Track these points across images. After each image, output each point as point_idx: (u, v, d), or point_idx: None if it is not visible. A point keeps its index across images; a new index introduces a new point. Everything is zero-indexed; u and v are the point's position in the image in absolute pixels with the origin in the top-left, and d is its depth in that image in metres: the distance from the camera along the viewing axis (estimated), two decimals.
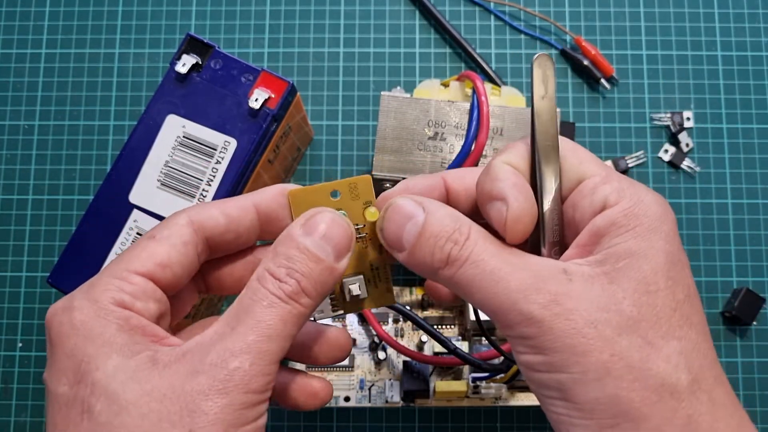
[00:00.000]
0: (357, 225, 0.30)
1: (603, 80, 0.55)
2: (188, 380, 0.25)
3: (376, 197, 0.30)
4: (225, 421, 0.24)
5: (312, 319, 0.32)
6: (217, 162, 0.43)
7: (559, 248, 0.29)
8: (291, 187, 0.30)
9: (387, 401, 0.46)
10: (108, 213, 0.42)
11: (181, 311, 0.32)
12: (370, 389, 0.47)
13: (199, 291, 0.32)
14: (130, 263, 0.27)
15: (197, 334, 0.31)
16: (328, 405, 0.46)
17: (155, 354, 0.26)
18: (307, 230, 0.28)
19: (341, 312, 0.32)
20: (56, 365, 0.26)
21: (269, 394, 0.26)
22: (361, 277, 0.31)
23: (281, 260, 0.27)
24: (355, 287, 0.31)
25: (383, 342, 0.46)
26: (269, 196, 0.30)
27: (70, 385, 0.25)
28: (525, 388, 0.46)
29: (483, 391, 0.45)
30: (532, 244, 0.29)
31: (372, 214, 0.30)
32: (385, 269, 0.31)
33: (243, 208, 0.30)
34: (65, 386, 0.25)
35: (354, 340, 0.47)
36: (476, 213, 0.30)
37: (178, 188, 0.43)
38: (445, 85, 0.47)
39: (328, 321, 0.46)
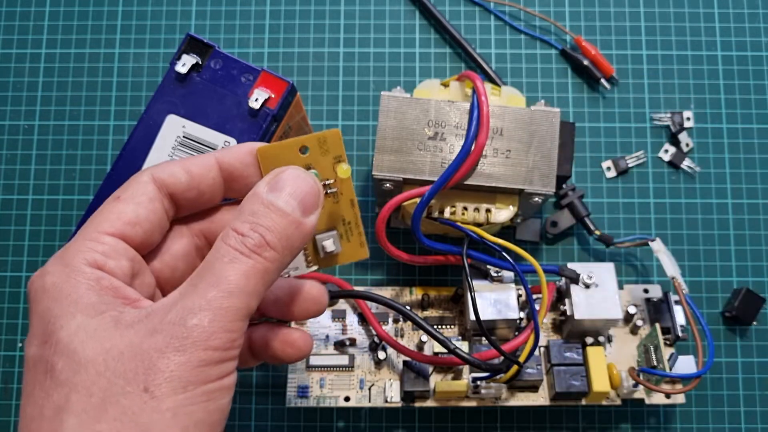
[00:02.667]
0: (327, 180, 0.30)
1: (603, 80, 0.55)
2: (146, 338, 0.25)
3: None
4: (182, 379, 0.24)
5: (286, 275, 0.32)
6: None
7: None
8: (260, 145, 0.30)
9: (387, 401, 0.46)
10: None
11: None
12: (370, 389, 0.47)
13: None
14: (100, 225, 0.28)
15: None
16: (328, 405, 0.46)
17: (120, 314, 0.26)
18: (272, 187, 0.28)
19: (315, 267, 0.32)
20: (30, 329, 0.26)
21: (235, 352, 0.26)
22: (335, 232, 0.31)
23: (246, 216, 0.27)
24: (329, 243, 0.31)
25: (383, 342, 0.46)
26: (233, 155, 0.30)
27: (38, 346, 0.26)
28: (525, 389, 0.46)
29: (483, 391, 0.45)
30: None
31: (344, 170, 0.30)
32: (358, 224, 0.32)
33: (205, 165, 0.30)
34: (34, 347, 0.26)
35: (354, 340, 0.47)
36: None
37: None
38: (445, 85, 0.47)
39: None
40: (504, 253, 0.42)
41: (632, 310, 0.47)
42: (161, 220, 0.29)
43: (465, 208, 0.44)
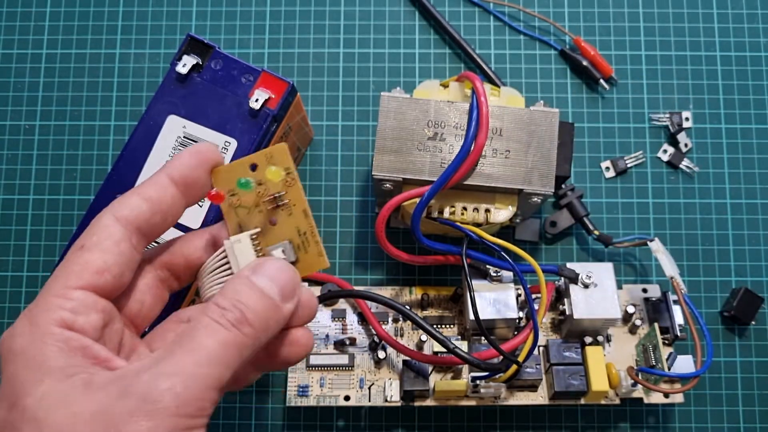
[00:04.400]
0: (279, 192, 0.31)
1: (602, 80, 0.55)
2: (117, 402, 0.24)
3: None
4: None
5: None
6: None
7: None
8: (202, 145, 0.31)
9: (386, 400, 0.46)
10: None
11: (145, 313, 0.31)
12: (369, 388, 0.47)
13: (171, 288, 0.32)
14: (68, 279, 0.27)
15: (163, 330, 0.31)
16: (328, 404, 0.46)
17: (91, 377, 0.26)
18: (255, 271, 0.29)
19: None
20: (1, 390, 0.26)
21: (204, 420, 0.26)
22: (286, 242, 0.31)
23: (229, 294, 0.28)
24: (278, 252, 0.31)
25: (383, 341, 0.46)
26: (181, 164, 0.30)
27: (7, 410, 0.25)
28: (524, 388, 0.46)
29: (482, 390, 0.45)
30: None
31: (272, 172, 0.30)
32: (314, 233, 0.32)
33: (160, 186, 0.30)
34: (3, 410, 0.26)
35: (354, 340, 0.48)
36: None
37: None
38: (445, 86, 0.47)
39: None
40: (503, 253, 0.43)
41: (631, 309, 0.47)
42: (130, 260, 0.29)
43: (464, 208, 0.44)
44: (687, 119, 0.55)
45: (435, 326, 0.46)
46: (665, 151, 0.54)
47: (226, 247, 0.31)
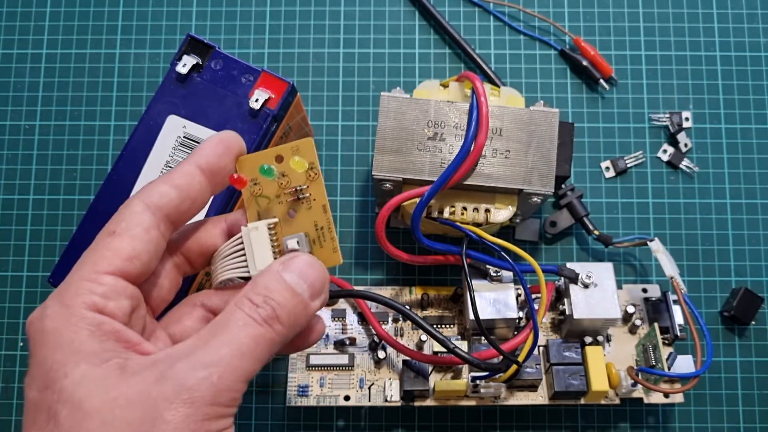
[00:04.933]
0: (301, 186, 0.32)
1: (602, 80, 0.55)
2: (155, 387, 0.25)
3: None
4: (187, 431, 0.25)
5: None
6: None
7: None
8: (227, 134, 0.32)
9: (386, 400, 0.46)
10: (109, 213, 0.42)
11: (163, 297, 0.32)
12: (369, 388, 0.47)
13: (184, 272, 0.33)
14: (97, 264, 0.28)
15: (179, 314, 0.32)
16: (328, 404, 0.46)
17: (125, 361, 0.26)
18: (286, 267, 0.29)
19: None
20: (30, 371, 0.26)
21: (234, 410, 0.27)
22: (302, 234, 0.32)
23: (260, 289, 0.29)
24: (293, 242, 0.31)
25: (383, 341, 0.46)
26: (208, 152, 0.31)
27: (39, 391, 0.26)
28: (524, 388, 0.46)
29: (482, 390, 0.45)
30: None
31: (296, 162, 0.31)
32: (331, 229, 0.32)
33: (188, 174, 0.30)
34: (35, 391, 0.26)
35: (354, 339, 0.48)
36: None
37: None
38: (445, 86, 0.47)
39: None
40: (503, 253, 0.43)
41: (631, 309, 0.47)
42: (158, 247, 0.29)
43: (464, 208, 0.44)
44: (687, 119, 0.55)
45: (435, 326, 0.46)
46: (665, 151, 0.54)
47: (243, 234, 0.31)
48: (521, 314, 0.46)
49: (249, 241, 0.31)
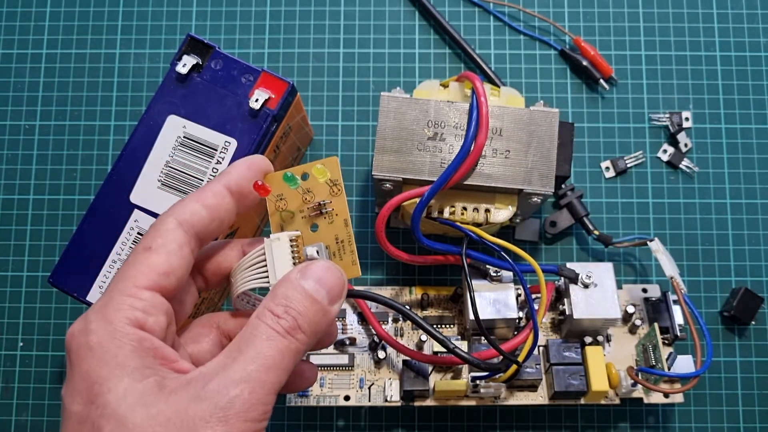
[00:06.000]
0: (323, 201, 0.33)
1: (602, 80, 0.55)
2: (191, 406, 0.26)
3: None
4: None
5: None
6: (218, 162, 0.43)
7: None
8: (256, 158, 0.33)
9: (386, 400, 0.46)
10: (109, 213, 0.43)
11: (185, 312, 0.32)
12: (369, 388, 0.47)
13: (199, 289, 0.33)
14: (137, 279, 0.28)
15: (196, 333, 0.32)
16: (328, 404, 0.46)
17: (163, 379, 0.27)
18: (303, 275, 0.30)
19: None
20: (72, 384, 0.27)
21: (266, 423, 0.27)
22: (321, 244, 0.32)
23: (280, 299, 0.29)
24: (311, 250, 0.32)
25: (383, 341, 0.46)
26: (238, 175, 0.32)
27: (84, 405, 0.26)
28: (524, 388, 0.46)
29: (482, 390, 0.45)
30: None
31: (318, 169, 0.32)
32: (351, 242, 0.33)
33: (218, 194, 0.31)
34: (79, 405, 0.26)
35: (354, 339, 0.48)
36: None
37: (179, 188, 0.43)
38: (445, 86, 0.47)
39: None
40: (503, 253, 0.43)
41: (631, 309, 0.47)
42: (189, 263, 0.30)
43: (464, 208, 0.44)
44: (687, 119, 0.55)
45: (435, 326, 0.46)
46: (665, 151, 0.54)
47: (265, 245, 0.32)
48: (521, 314, 0.46)
49: (271, 253, 0.32)
